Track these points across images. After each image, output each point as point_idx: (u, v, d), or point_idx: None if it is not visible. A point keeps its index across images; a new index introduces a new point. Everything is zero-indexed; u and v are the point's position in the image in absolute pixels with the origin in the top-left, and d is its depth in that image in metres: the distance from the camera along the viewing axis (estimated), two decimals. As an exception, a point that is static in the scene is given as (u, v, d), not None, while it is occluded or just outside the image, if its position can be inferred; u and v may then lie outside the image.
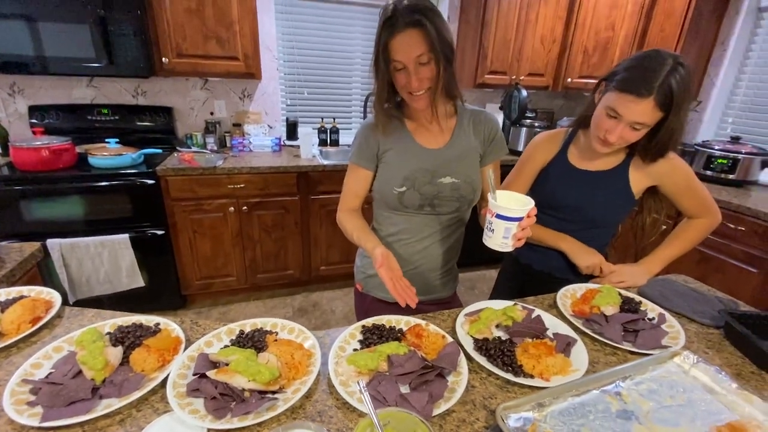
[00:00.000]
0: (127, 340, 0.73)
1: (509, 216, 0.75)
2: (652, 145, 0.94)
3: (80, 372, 0.64)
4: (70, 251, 1.96)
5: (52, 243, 1.92)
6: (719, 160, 2.24)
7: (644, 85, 0.83)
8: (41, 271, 1.46)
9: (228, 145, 2.65)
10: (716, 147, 2.28)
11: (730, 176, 2.22)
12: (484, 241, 0.81)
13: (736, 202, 1.96)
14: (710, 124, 2.62)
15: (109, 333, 0.76)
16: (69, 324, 0.81)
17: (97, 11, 1.93)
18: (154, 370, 0.67)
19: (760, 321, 0.86)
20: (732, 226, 1.93)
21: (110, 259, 2.05)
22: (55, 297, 0.86)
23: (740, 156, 2.18)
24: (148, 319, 0.80)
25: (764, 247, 1.87)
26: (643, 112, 0.85)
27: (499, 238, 0.77)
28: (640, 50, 2.69)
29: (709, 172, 2.27)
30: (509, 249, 0.79)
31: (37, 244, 1.08)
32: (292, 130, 2.78)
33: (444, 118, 1.00)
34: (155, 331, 0.77)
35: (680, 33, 2.34)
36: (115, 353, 0.68)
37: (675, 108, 0.84)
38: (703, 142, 2.40)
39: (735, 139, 2.31)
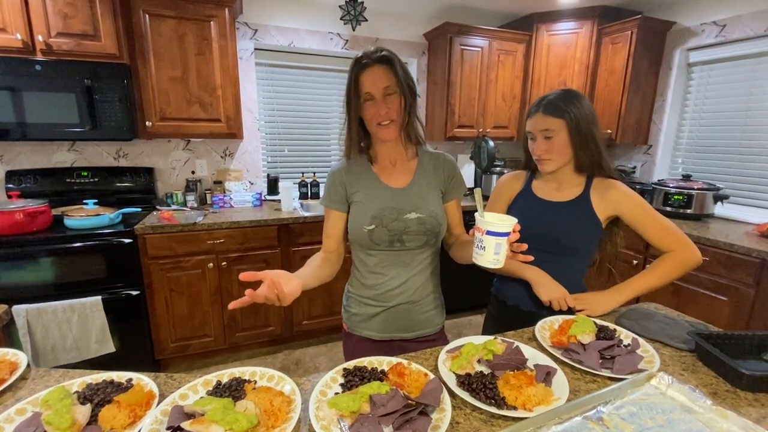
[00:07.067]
0: (97, 397, 0.69)
1: (499, 231, 0.79)
2: (580, 151, 1.10)
3: (44, 433, 0.61)
4: (36, 317, 1.86)
5: (18, 309, 1.82)
6: (675, 197, 2.41)
7: (535, 106, 1.12)
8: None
9: (209, 202, 2.67)
10: (671, 185, 2.46)
11: (688, 211, 2.38)
12: (474, 259, 0.85)
13: (697, 234, 2.09)
14: (663, 165, 2.85)
15: (77, 392, 0.72)
16: (34, 385, 0.77)
17: (84, 81, 2.02)
18: (124, 427, 0.64)
19: (728, 340, 0.90)
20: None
21: (79, 323, 1.94)
22: (21, 358, 0.82)
23: (693, 192, 2.36)
24: (119, 375, 0.77)
25: (729, 276, 1.96)
26: (539, 121, 1.10)
27: (491, 254, 0.81)
28: (592, 103, 2.94)
29: (668, 208, 2.42)
30: (500, 265, 0.83)
31: (4, 306, 1.04)
32: (273, 185, 2.84)
33: (406, 160, 1.10)
34: (127, 387, 0.74)
35: (623, 87, 2.63)
36: (83, 411, 0.65)
37: (568, 115, 1.06)
38: (659, 180, 2.58)
39: (686, 177, 2.51)
